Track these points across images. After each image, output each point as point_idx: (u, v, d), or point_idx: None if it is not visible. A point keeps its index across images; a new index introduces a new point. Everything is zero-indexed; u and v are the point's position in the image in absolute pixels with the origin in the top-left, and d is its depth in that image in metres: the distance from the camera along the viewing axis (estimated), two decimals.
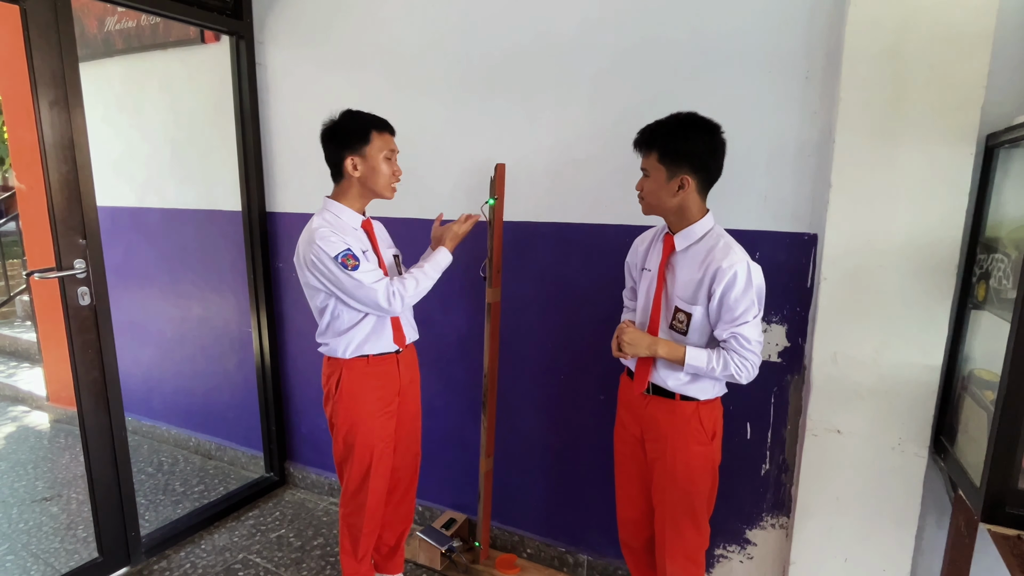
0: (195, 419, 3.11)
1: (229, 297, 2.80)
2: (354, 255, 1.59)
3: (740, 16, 1.62)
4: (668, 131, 1.37)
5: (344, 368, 1.71)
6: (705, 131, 1.36)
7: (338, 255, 1.57)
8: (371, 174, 1.64)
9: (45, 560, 2.25)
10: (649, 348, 1.43)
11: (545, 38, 1.89)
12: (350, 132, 1.63)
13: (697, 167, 1.36)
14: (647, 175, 1.42)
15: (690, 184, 1.37)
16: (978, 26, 1.32)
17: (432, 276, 1.70)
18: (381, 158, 1.64)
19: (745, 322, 1.35)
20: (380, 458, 1.76)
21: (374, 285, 1.60)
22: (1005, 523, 1.17)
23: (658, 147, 1.38)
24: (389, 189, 1.68)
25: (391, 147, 1.66)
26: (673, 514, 1.49)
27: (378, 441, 1.75)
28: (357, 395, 1.71)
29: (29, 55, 1.74)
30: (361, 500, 1.78)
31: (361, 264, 1.59)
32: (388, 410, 1.77)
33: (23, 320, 5.14)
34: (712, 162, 1.38)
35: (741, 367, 1.37)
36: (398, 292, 1.62)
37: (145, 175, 2.98)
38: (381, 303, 1.61)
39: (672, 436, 1.47)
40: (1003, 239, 1.30)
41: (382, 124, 1.66)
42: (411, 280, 1.66)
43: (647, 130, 1.41)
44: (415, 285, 1.66)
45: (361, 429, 1.73)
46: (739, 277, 1.33)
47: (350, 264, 1.58)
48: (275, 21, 2.41)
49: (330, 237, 1.58)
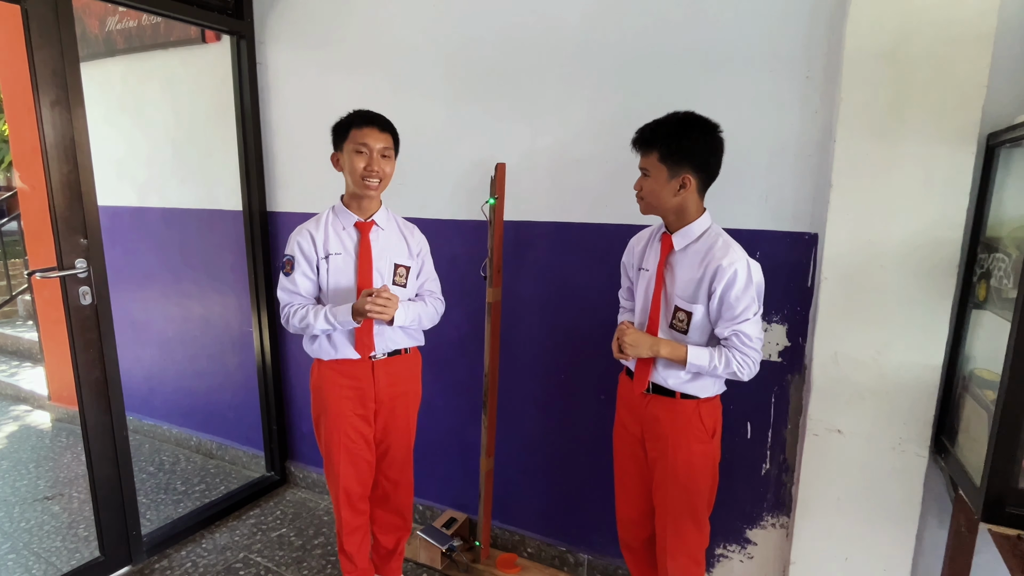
0: (196, 418, 3.12)
1: (230, 297, 2.81)
2: (293, 264, 1.66)
3: (741, 16, 1.62)
4: (669, 130, 1.37)
5: (317, 361, 1.76)
6: (705, 130, 1.36)
7: (284, 255, 1.67)
8: (345, 171, 1.66)
9: (47, 559, 2.26)
10: (651, 348, 1.43)
11: (545, 38, 1.89)
12: (337, 129, 1.66)
13: (698, 166, 1.36)
14: (647, 175, 1.41)
15: (691, 183, 1.37)
16: (979, 26, 1.32)
17: (322, 322, 1.61)
18: (353, 153, 1.60)
19: (746, 319, 1.36)
20: (348, 457, 1.74)
21: (281, 298, 1.70)
22: (1005, 523, 1.17)
23: (659, 146, 1.37)
24: (360, 185, 1.63)
25: (366, 140, 1.59)
26: (674, 513, 1.49)
27: (343, 437, 1.73)
28: (323, 390, 1.74)
29: (30, 55, 1.74)
30: (336, 497, 1.80)
31: (291, 276, 1.67)
32: (359, 413, 1.74)
33: (25, 320, 5.15)
34: (712, 161, 1.39)
35: (743, 364, 1.38)
36: (287, 316, 1.68)
37: (146, 175, 2.98)
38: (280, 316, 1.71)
39: (673, 435, 1.47)
40: (1004, 239, 1.30)
41: (364, 120, 1.61)
42: (301, 312, 1.65)
43: (647, 129, 1.40)
44: (301, 319, 1.64)
45: (325, 423, 1.75)
46: (739, 275, 1.34)
47: (285, 268, 1.69)
48: (276, 21, 2.41)
49: (294, 237, 1.67)
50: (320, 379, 1.75)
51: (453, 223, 2.16)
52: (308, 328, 1.64)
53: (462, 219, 2.14)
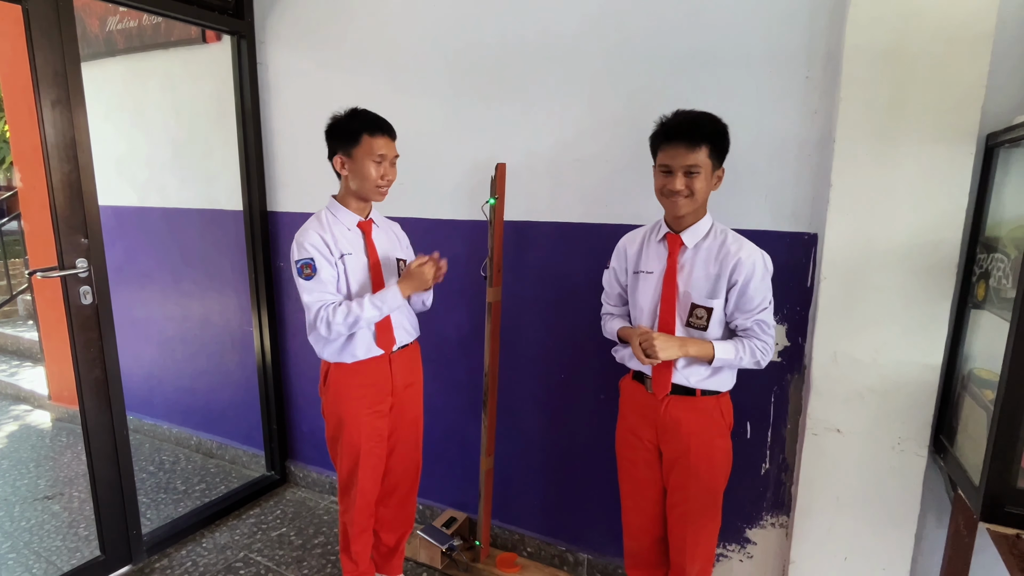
0: (196, 418, 3.12)
1: (230, 296, 2.81)
2: (314, 266, 1.59)
3: (741, 16, 1.62)
4: (713, 128, 1.36)
5: (331, 366, 1.72)
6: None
7: (299, 261, 1.59)
8: (357, 175, 1.63)
9: (47, 558, 2.26)
10: (681, 348, 1.40)
11: (545, 37, 1.89)
12: (343, 131, 1.63)
13: (723, 161, 1.41)
14: (695, 172, 1.35)
15: (721, 179, 1.41)
16: (978, 26, 1.32)
17: (369, 309, 1.60)
18: (369, 161, 1.60)
19: (764, 308, 1.41)
20: (367, 456, 1.75)
21: (311, 303, 1.61)
22: (1004, 522, 1.18)
23: (709, 141, 1.35)
24: (375, 192, 1.65)
25: (383, 151, 1.61)
26: (696, 512, 1.49)
27: (364, 440, 1.73)
28: (342, 393, 1.71)
29: (31, 54, 1.74)
30: (350, 499, 1.79)
31: (315, 277, 1.60)
32: (377, 409, 1.75)
33: (25, 319, 5.15)
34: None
35: (765, 352, 1.43)
36: (326, 319, 1.59)
37: (147, 174, 2.98)
38: (311, 322, 1.63)
39: (696, 432, 1.46)
40: (1003, 238, 1.30)
41: (376, 127, 1.61)
42: (344, 310, 1.59)
43: (690, 123, 1.35)
44: (345, 315, 1.58)
45: (346, 427, 1.72)
46: (758, 267, 1.38)
47: (304, 272, 1.60)
48: (276, 21, 2.41)
49: (303, 239, 1.61)
50: (337, 381, 1.71)
51: (453, 223, 2.16)
52: (356, 322, 1.60)
53: (462, 219, 2.14)
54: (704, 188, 1.38)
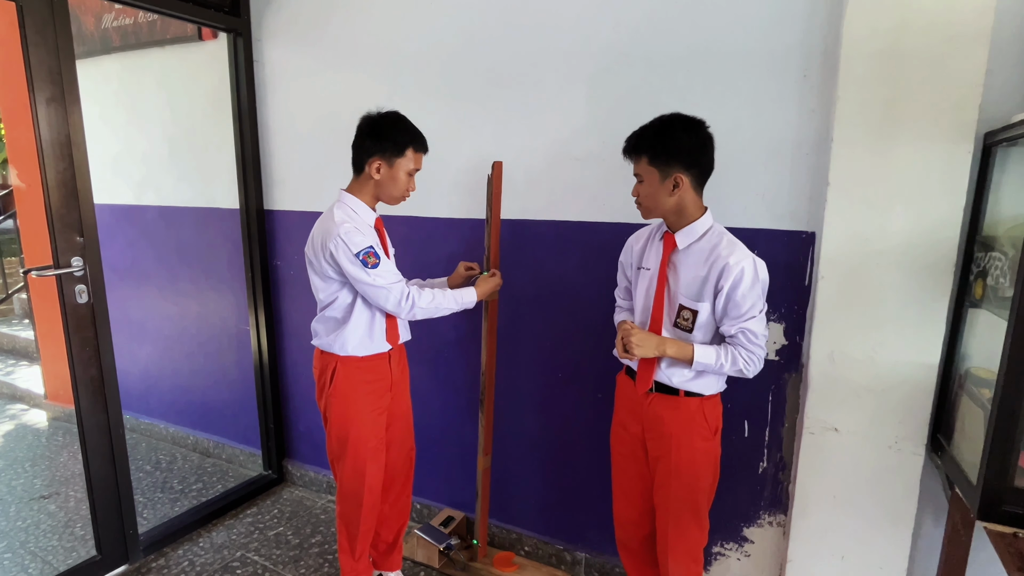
0: (193, 417, 3.11)
1: (227, 295, 2.80)
2: (376, 253, 1.62)
3: (738, 15, 1.62)
4: (654, 133, 1.39)
5: (339, 364, 1.71)
6: (689, 128, 1.37)
7: (359, 252, 1.59)
8: (389, 183, 1.66)
9: (43, 558, 2.25)
10: (658, 348, 1.43)
11: (543, 36, 1.89)
12: (388, 138, 1.63)
13: (688, 164, 1.37)
14: (641, 180, 1.43)
15: (684, 182, 1.38)
16: (976, 24, 1.31)
17: (450, 304, 1.72)
18: (405, 173, 1.67)
19: (752, 317, 1.37)
20: (374, 455, 1.77)
21: (390, 286, 1.63)
22: (1001, 521, 1.18)
23: (646, 150, 1.39)
24: (397, 200, 1.72)
25: (419, 166, 1.70)
26: (676, 511, 1.49)
27: (371, 438, 1.76)
28: (350, 392, 1.72)
29: (26, 52, 1.73)
30: (357, 498, 1.78)
31: (381, 263, 1.62)
32: (380, 406, 1.78)
33: (21, 318, 5.13)
34: (702, 157, 1.39)
35: (749, 362, 1.39)
36: (412, 298, 1.65)
37: (143, 173, 2.97)
38: (390, 305, 1.64)
39: (677, 433, 1.47)
40: (1000, 237, 1.30)
41: (422, 145, 1.69)
42: (428, 294, 1.68)
43: (633, 137, 1.43)
44: (431, 299, 1.68)
45: (354, 427, 1.73)
46: (746, 273, 1.35)
47: (371, 262, 1.60)
48: (273, 18, 2.40)
49: (354, 233, 1.60)
50: (344, 380, 1.72)
51: (451, 222, 2.16)
52: (437, 309, 1.69)
53: (460, 218, 2.14)
54: (650, 194, 1.41)
